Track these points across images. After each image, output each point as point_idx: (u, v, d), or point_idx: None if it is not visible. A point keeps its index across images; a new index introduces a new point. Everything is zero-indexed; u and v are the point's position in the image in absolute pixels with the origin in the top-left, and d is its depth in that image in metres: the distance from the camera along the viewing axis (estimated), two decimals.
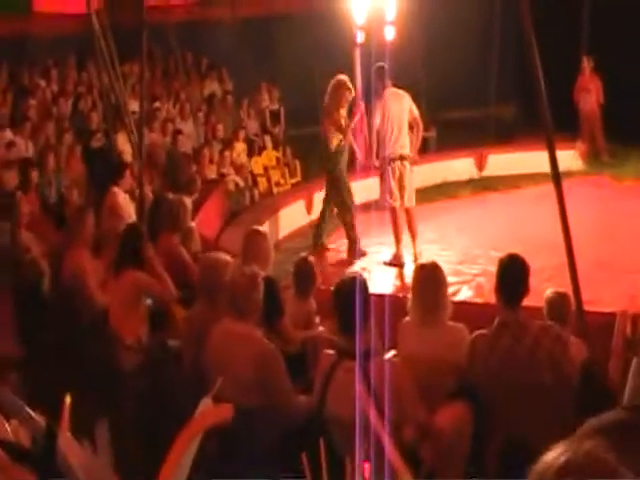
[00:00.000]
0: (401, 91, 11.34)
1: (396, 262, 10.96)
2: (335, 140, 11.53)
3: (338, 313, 4.95)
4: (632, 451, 1.68)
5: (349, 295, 4.74)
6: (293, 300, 6.75)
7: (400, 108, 11.20)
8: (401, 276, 10.60)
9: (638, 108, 16.99)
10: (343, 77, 11.60)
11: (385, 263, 11.09)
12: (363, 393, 4.26)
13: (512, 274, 5.35)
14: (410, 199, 11.15)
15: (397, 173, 11.10)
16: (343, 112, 11.61)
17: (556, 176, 6.71)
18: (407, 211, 11.15)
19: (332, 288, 5.28)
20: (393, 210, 11.09)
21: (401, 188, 11.06)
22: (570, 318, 6.33)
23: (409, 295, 5.82)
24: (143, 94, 10.30)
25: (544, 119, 6.89)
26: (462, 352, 5.38)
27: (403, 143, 11.11)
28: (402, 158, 11.10)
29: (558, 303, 6.29)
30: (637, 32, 16.85)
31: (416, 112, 11.29)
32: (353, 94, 11.57)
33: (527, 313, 5.49)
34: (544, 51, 12.60)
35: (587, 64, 16.53)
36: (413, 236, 11.16)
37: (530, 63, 6.88)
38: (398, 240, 11.10)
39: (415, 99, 11.61)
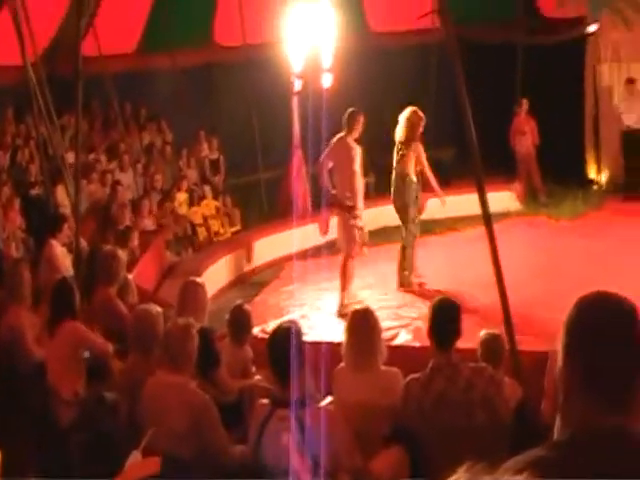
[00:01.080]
0: (351, 140, 10.97)
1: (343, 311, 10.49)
2: (415, 171, 11.40)
3: (272, 362, 4.95)
4: None
5: (282, 344, 4.77)
6: (229, 348, 6.76)
7: (346, 157, 10.87)
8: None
9: (573, 148, 17.36)
10: (415, 107, 11.47)
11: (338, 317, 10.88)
12: (294, 442, 4.27)
13: (443, 318, 5.42)
14: (346, 249, 10.98)
15: (337, 221, 11.10)
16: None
17: (487, 218, 6.82)
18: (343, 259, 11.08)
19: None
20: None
21: (342, 237, 11.03)
22: (504, 358, 6.42)
23: (343, 341, 5.86)
24: (79, 145, 10.28)
25: (474, 162, 7.00)
26: (396, 396, 5.42)
27: (343, 194, 10.82)
28: (342, 208, 10.95)
29: (492, 344, 6.39)
30: (570, 74, 17.25)
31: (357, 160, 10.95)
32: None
33: (462, 355, 5.56)
34: (482, 95, 12.87)
35: (522, 106, 16.79)
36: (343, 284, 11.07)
37: (461, 110, 6.99)
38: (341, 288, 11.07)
39: None
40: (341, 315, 10.49)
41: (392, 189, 11.56)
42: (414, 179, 11.42)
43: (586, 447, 2.26)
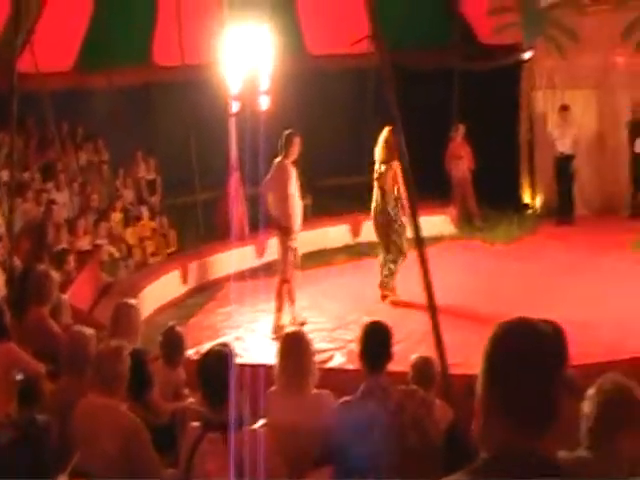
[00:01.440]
0: (287, 162, 11.09)
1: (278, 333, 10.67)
2: (394, 189, 11.69)
3: (202, 385, 4.94)
4: None
5: (213, 366, 4.79)
6: (162, 370, 6.74)
7: (281, 179, 11.02)
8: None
9: (508, 173, 17.59)
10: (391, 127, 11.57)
11: (273, 339, 10.88)
12: (228, 464, 4.28)
13: (374, 341, 5.45)
14: (283, 272, 11.15)
15: (277, 243, 11.21)
16: None
17: (419, 241, 6.88)
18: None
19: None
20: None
21: (279, 258, 11.15)
22: (435, 381, 6.49)
23: (275, 364, 5.87)
24: (14, 163, 10.17)
25: (408, 186, 7.07)
26: (326, 419, 5.44)
27: (279, 216, 11.01)
28: (280, 230, 11.11)
29: (423, 367, 6.46)
30: (505, 100, 17.49)
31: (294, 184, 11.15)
32: None
33: (393, 378, 5.60)
34: (419, 120, 12.97)
35: (458, 131, 16.99)
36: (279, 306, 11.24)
37: (396, 138, 7.07)
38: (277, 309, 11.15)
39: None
40: (276, 337, 10.50)
41: (373, 207, 11.95)
42: (393, 196, 11.76)
43: (505, 472, 2.31)
